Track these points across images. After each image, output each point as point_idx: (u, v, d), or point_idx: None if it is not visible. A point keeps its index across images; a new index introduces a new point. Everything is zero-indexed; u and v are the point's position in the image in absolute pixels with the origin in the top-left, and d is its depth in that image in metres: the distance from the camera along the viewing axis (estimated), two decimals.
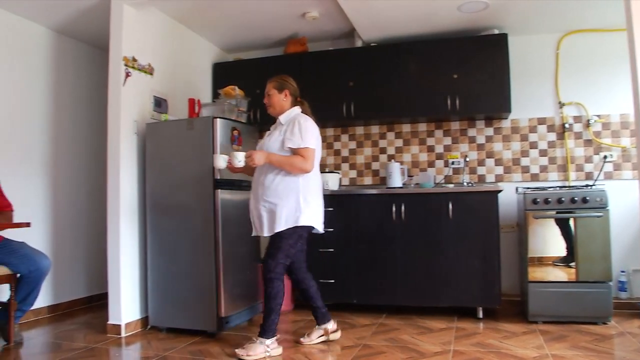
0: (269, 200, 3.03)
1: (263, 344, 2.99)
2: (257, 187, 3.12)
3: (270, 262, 3.01)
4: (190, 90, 4.42)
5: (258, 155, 2.98)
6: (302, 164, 2.99)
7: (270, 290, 3.01)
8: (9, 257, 3.28)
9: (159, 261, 3.63)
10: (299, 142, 3.01)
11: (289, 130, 3.06)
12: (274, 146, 3.08)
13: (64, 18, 4.16)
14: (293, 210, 3.00)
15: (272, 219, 3.02)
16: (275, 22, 4.37)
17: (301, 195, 3.03)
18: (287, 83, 3.24)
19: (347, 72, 4.43)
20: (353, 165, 4.79)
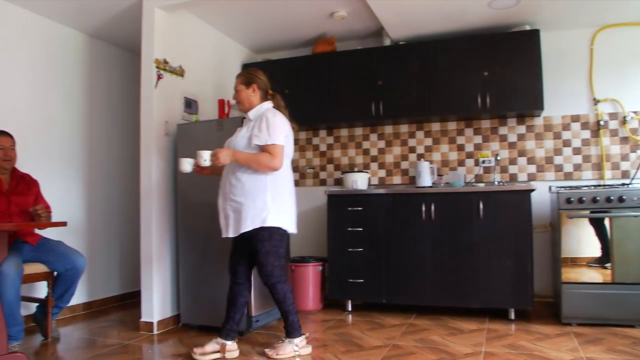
0: (235, 200, 2.89)
1: (292, 344, 2.98)
2: (224, 186, 2.98)
3: (264, 269, 2.91)
4: (220, 91, 4.48)
5: (224, 154, 2.82)
6: (270, 161, 2.84)
7: (277, 295, 2.95)
8: (46, 255, 3.38)
9: (190, 260, 3.68)
10: (266, 139, 2.85)
11: (256, 127, 2.90)
12: (240, 143, 2.93)
13: (98, 23, 4.26)
14: (260, 210, 2.86)
15: (238, 219, 2.88)
16: (304, 22, 4.38)
17: (269, 195, 2.89)
18: (255, 77, 3.06)
19: (375, 71, 4.41)
20: (382, 165, 4.77)
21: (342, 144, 4.90)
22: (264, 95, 3.08)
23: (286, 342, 2.99)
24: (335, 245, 4.13)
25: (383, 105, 4.37)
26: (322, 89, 4.57)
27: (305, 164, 5.01)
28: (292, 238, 4.36)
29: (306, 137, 5.02)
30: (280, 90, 4.31)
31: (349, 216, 4.09)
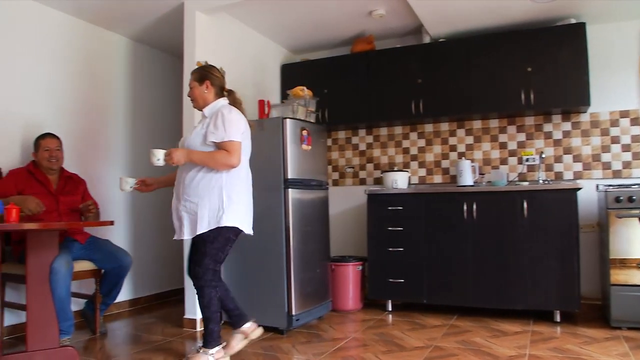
0: (189, 200, 2.75)
1: (206, 354, 2.78)
2: (178, 185, 2.85)
3: (197, 269, 2.76)
4: (260, 92, 4.52)
5: (177, 154, 2.68)
6: (226, 159, 2.69)
7: (202, 299, 2.78)
8: (94, 253, 3.50)
9: (231, 258, 3.73)
10: (222, 136, 2.71)
11: (211, 123, 2.76)
12: (195, 142, 2.79)
13: (141, 27, 4.38)
14: (215, 210, 2.72)
15: (194, 220, 2.73)
16: (342, 22, 4.38)
17: (225, 193, 2.74)
18: (208, 73, 2.91)
19: (415, 69, 4.37)
20: (422, 164, 4.72)
21: (381, 143, 4.87)
22: (219, 92, 2.93)
23: (201, 353, 2.80)
24: (376, 245, 4.11)
25: (423, 103, 4.32)
26: (361, 88, 4.55)
27: (344, 163, 5.01)
28: (332, 237, 4.40)
29: (345, 137, 5.02)
30: (319, 90, 4.37)
31: (389, 216, 4.07)
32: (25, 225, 2.60)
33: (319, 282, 3.83)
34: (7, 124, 3.62)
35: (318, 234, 3.85)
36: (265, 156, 3.58)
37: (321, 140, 3.96)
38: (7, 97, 3.64)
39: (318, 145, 3.89)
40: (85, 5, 3.90)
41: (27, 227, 2.64)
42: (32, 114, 3.79)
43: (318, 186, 3.87)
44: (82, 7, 3.92)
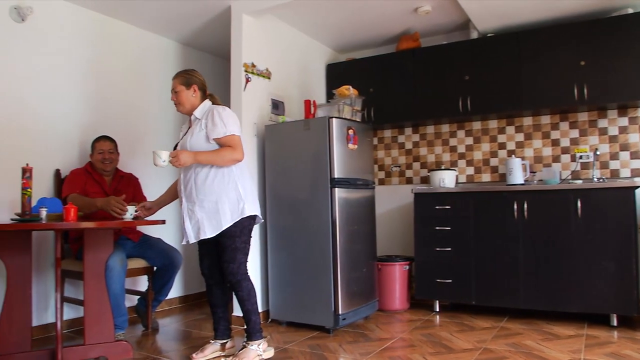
0: (207, 199, 2.79)
1: (255, 347, 2.87)
2: (189, 189, 2.86)
3: (231, 266, 2.81)
4: (305, 92, 4.55)
5: (184, 156, 2.70)
6: (233, 154, 2.77)
7: (242, 293, 2.85)
8: (147, 251, 3.61)
9: (279, 257, 3.78)
10: (223, 131, 2.77)
11: (209, 122, 2.81)
12: (198, 143, 2.82)
13: (189, 31, 4.49)
14: (235, 203, 2.80)
15: (216, 217, 2.77)
16: (387, 20, 4.35)
17: (239, 185, 2.83)
18: (194, 77, 2.95)
19: (462, 65, 4.29)
20: (470, 162, 4.63)
21: (428, 141, 4.81)
22: (203, 95, 2.97)
23: (249, 347, 2.87)
24: (423, 245, 4.07)
25: (471, 100, 4.24)
26: (407, 86, 4.51)
27: (390, 162, 4.97)
28: (378, 237, 4.38)
29: (391, 135, 4.98)
30: (365, 89, 4.35)
31: (437, 215, 4.01)
32: (82, 224, 2.71)
33: (366, 282, 3.82)
34: (65, 127, 3.79)
35: (364, 233, 3.84)
36: (312, 156, 3.60)
37: (367, 139, 3.95)
38: (65, 102, 3.81)
39: (364, 144, 3.88)
40: (136, 11, 4.03)
41: (85, 225, 2.75)
42: (87, 118, 3.94)
43: (364, 185, 3.86)
44: (134, 13, 4.06)
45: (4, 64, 3.43)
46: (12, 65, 3.49)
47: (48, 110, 3.67)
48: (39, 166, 3.39)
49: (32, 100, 3.59)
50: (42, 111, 3.64)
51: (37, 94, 3.62)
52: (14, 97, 3.49)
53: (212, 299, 3.04)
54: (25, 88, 3.56)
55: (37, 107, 3.62)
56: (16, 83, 3.50)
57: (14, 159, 3.40)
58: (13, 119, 3.48)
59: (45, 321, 3.57)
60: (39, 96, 3.63)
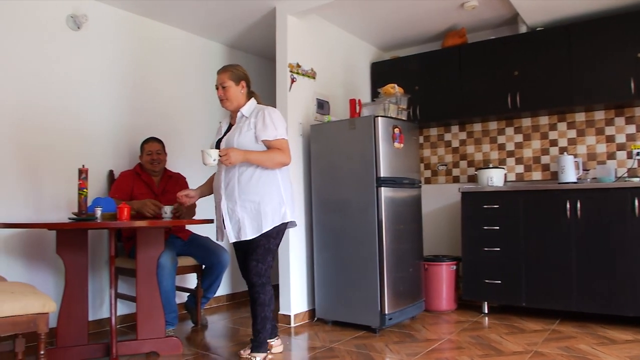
0: (249, 199, 2.73)
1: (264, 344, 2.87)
2: (230, 187, 2.78)
3: (260, 266, 2.75)
4: (350, 91, 4.55)
5: (235, 154, 2.64)
6: (282, 158, 2.76)
7: (264, 296, 2.78)
8: (196, 250, 3.70)
9: (324, 256, 3.79)
10: (274, 134, 2.74)
11: (259, 122, 2.76)
12: (245, 142, 2.75)
13: (235, 34, 4.57)
14: (278, 206, 2.76)
15: (257, 219, 2.72)
16: (432, 16, 4.29)
17: (282, 189, 2.80)
18: (242, 73, 2.89)
19: (510, 61, 4.18)
20: (519, 160, 4.51)
21: (475, 139, 4.71)
22: (249, 93, 2.92)
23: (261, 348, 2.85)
24: (470, 245, 3.99)
25: (520, 96, 4.13)
26: (453, 83, 4.44)
27: (437, 161, 4.91)
28: (425, 236, 4.32)
29: (437, 134, 4.91)
30: (410, 87, 4.31)
31: (485, 214, 3.93)
32: (135, 223, 2.80)
33: (412, 282, 3.78)
34: (117, 129, 3.92)
35: (411, 233, 3.81)
36: (358, 155, 3.59)
37: (413, 138, 3.91)
38: (117, 106, 3.94)
39: (410, 143, 3.84)
40: (185, 16, 4.13)
41: (137, 224, 2.84)
42: (137, 120, 4.07)
43: (410, 184, 3.83)
44: (182, 17, 4.16)
45: (61, 70, 3.59)
46: (69, 72, 3.64)
47: (101, 114, 3.81)
48: (93, 167, 3.53)
49: (87, 105, 3.73)
50: (96, 115, 3.78)
51: (92, 98, 3.77)
52: (71, 102, 3.64)
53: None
54: (82, 92, 3.71)
55: (92, 111, 3.76)
56: (73, 88, 3.66)
57: (71, 161, 3.55)
58: (70, 122, 3.63)
59: (100, 316, 3.72)
60: (93, 100, 3.77)
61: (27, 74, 3.41)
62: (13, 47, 3.35)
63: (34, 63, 3.45)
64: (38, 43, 3.47)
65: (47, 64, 3.52)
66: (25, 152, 3.39)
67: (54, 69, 3.55)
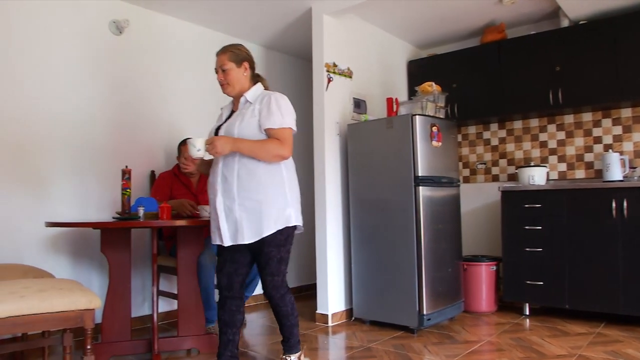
0: (250, 197, 2.36)
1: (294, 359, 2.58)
2: (229, 182, 2.40)
3: (276, 279, 2.43)
4: (387, 90, 4.52)
5: (221, 142, 2.31)
6: (279, 149, 2.34)
7: (285, 308, 2.49)
8: None
9: (362, 256, 3.78)
10: (280, 122, 2.36)
11: (264, 109, 2.40)
12: (249, 131, 2.40)
13: (271, 35, 4.60)
14: (282, 208, 2.38)
15: (258, 221, 2.34)
16: (470, 12, 4.22)
17: (287, 188, 2.42)
18: (245, 53, 2.55)
19: (552, 56, 4.07)
20: (562, 158, 4.38)
21: (515, 137, 4.61)
22: (253, 76, 2.58)
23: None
24: (511, 245, 3.91)
25: (562, 92, 4.01)
26: (492, 80, 4.35)
27: (475, 159, 4.82)
28: (464, 236, 4.26)
29: (476, 132, 4.83)
30: (448, 85, 4.25)
31: (526, 214, 3.84)
32: (176, 222, 2.85)
33: (451, 282, 3.73)
34: (157, 130, 4.01)
35: (449, 232, 3.76)
36: (395, 154, 3.57)
37: (451, 136, 3.86)
38: (157, 108, 4.03)
39: (448, 142, 3.79)
40: (223, 18, 4.19)
41: (178, 223, 2.90)
42: (175, 122, 4.15)
43: (449, 183, 3.78)
44: (221, 20, 4.22)
45: (106, 74, 3.69)
46: (113, 75, 3.75)
47: (142, 116, 3.90)
48: (136, 168, 3.62)
49: (129, 107, 3.83)
50: (137, 117, 3.87)
51: (134, 102, 3.86)
52: (114, 105, 3.74)
53: (226, 316, 2.54)
54: (125, 96, 3.81)
55: (133, 114, 3.85)
56: (117, 91, 3.76)
57: (114, 162, 3.65)
58: (113, 125, 3.73)
59: (142, 313, 3.81)
60: (135, 103, 3.87)
61: (74, 78, 3.53)
62: (59, 53, 3.46)
63: (79, 68, 3.56)
64: (82, 48, 3.58)
65: (92, 68, 3.63)
66: (72, 154, 3.51)
67: (98, 73, 3.66)
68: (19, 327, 2.01)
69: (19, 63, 3.28)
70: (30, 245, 3.28)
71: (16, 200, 3.23)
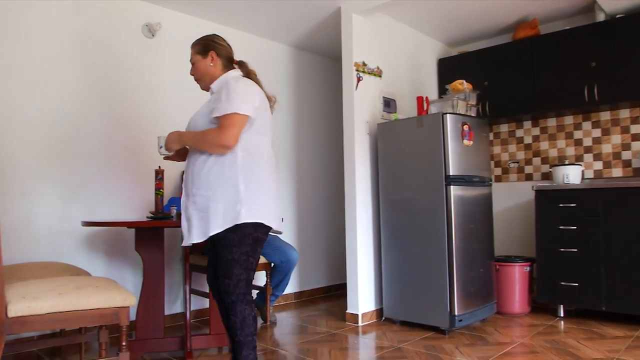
0: (199, 193, 2.18)
1: None
2: (186, 179, 2.28)
3: (226, 282, 2.13)
4: (417, 89, 4.49)
5: (170, 138, 2.26)
6: (218, 137, 2.09)
7: (235, 319, 2.13)
8: (265, 248, 3.76)
9: (392, 256, 3.76)
10: (225, 108, 2.11)
11: (216, 97, 2.20)
12: (198, 122, 2.25)
13: (301, 35, 4.62)
14: (232, 204, 2.11)
15: (205, 218, 2.14)
16: (502, 8, 4.15)
17: (241, 182, 2.13)
18: (213, 43, 2.34)
19: (587, 51, 3.97)
20: (598, 156, 4.27)
21: (549, 134, 4.52)
22: (227, 64, 2.37)
23: None
24: (545, 245, 3.83)
25: (598, 88, 3.91)
26: (525, 77, 4.27)
27: (508, 158, 4.74)
28: (496, 236, 4.19)
29: (508, 130, 4.75)
30: (479, 83, 4.19)
31: (561, 213, 3.76)
32: None
33: (483, 283, 3.68)
34: None
35: (481, 232, 3.70)
36: (426, 153, 3.54)
37: (483, 135, 3.80)
38: (188, 109, 4.07)
39: (480, 140, 3.74)
40: (253, 20, 4.22)
41: None
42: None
43: (481, 182, 3.73)
44: (251, 21, 4.25)
45: (138, 76, 3.77)
46: (145, 77, 3.82)
47: (174, 117, 3.96)
48: (168, 168, 3.68)
49: (161, 110, 3.90)
50: (169, 118, 3.94)
51: (166, 104, 3.93)
52: (147, 107, 3.82)
53: (224, 318, 2.33)
54: (157, 98, 3.87)
55: (165, 116, 3.92)
56: (150, 93, 3.83)
57: (148, 163, 3.72)
58: (147, 126, 3.80)
59: (175, 311, 3.87)
60: (167, 105, 3.93)
61: (109, 81, 3.61)
62: (96, 56, 3.55)
63: (113, 70, 3.64)
64: (117, 51, 3.66)
65: (125, 71, 3.71)
66: (107, 155, 3.59)
67: (132, 76, 3.73)
68: (57, 323, 2.07)
69: (63, 65, 3.38)
70: (68, 244, 3.37)
71: (54, 200, 3.33)
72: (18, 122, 3.19)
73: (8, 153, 3.13)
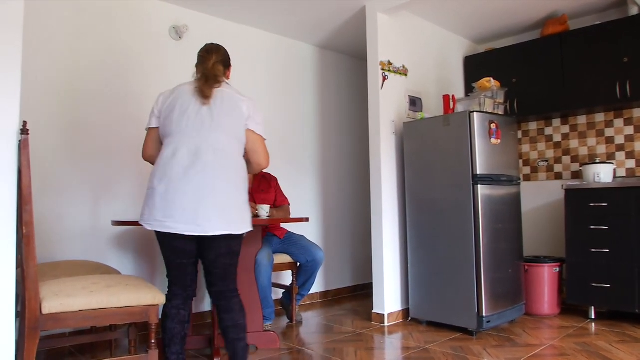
0: None
1: None
2: None
3: None
4: (443, 87, 4.45)
5: None
6: None
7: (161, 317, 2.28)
8: (291, 247, 3.79)
9: (419, 256, 3.73)
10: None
11: None
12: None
13: (326, 35, 4.62)
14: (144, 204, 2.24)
15: None
16: (530, 4, 4.08)
17: (148, 185, 2.25)
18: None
19: (619, 46, 3.88)
20: (630, 154, 4.17)
21: (579, 132, 4.42)
22: None
23: None
24: (575, 245, 3.76)
25: (631, 85, 3.81)
26: (554, 73, 4.19)
27: (537, 156, 4.66)
28: (525, 236, 4.12)
29: (537, 128, 4.66)
30: (507, 80, 4.13)
31: (591, 213, 3.68)
32: None
33: (511, 283, 3.62)
34: None
35: (510, 232, 3.65)
36: (453, 152, 3.51)
37: (511, 133, 3.74)
38: None
39: (508, 138, 3.68)
40: (279, 20, 4.24)
41: None
42: None
43: (509, 181, 3.67)
44: (277, 22, 4.27)
45: (165, 78, 3.81)
46: (172, 79, 3.86)
47: None
48: None
49: None
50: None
51: None
52: None
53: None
54: None
55: None
56: None
57: None
58: None
59: (202, 309, 3.91)
60: None
61: (138, 83, 3.67)
62: (123, 58, 3.61)
63: (142, 73, 3.70)
64: (146, 54, 3.72)
65: (154, 73, 3.76)
66: (135, 156, 3.64)
67: (159, 78, 3.78)
68: (88, 321, 2.12)
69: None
70: (99, 243, 3.44)
71: (85, 200, 3.40)
72: (53, 125, 3.26)
73: (41, 152, 3.21)
